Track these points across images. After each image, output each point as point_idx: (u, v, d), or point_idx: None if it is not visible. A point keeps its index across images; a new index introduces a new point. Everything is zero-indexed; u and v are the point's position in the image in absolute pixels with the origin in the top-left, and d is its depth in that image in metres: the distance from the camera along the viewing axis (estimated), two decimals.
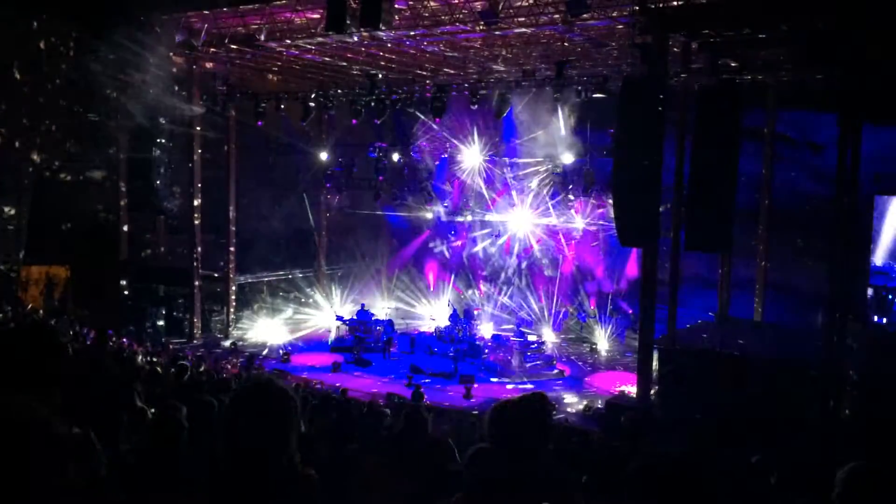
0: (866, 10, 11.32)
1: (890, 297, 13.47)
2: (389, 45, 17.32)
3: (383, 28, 14.55)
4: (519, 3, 14.59)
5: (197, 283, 20.57)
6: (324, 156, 23.36)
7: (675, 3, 13.38)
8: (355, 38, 16.12)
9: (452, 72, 19.74)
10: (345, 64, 19.50)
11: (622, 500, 2.94)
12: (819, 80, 14.34)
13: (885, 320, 13.43)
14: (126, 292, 21.45)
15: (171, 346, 17.93)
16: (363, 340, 19.26)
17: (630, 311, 20.52)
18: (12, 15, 19.46)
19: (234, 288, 21.44)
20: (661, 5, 13.36)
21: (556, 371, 17.86)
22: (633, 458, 3.11)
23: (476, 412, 13.56)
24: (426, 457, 5.13)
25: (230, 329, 20.95)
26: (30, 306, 18.93)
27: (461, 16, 14.99)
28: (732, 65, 15.35)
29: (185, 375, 9.61)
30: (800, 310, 17.03)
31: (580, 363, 19.02)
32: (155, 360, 14.20)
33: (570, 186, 20.70)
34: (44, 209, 20.83)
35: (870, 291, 13.90)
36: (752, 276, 17.77)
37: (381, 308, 21.98)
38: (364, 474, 4.69)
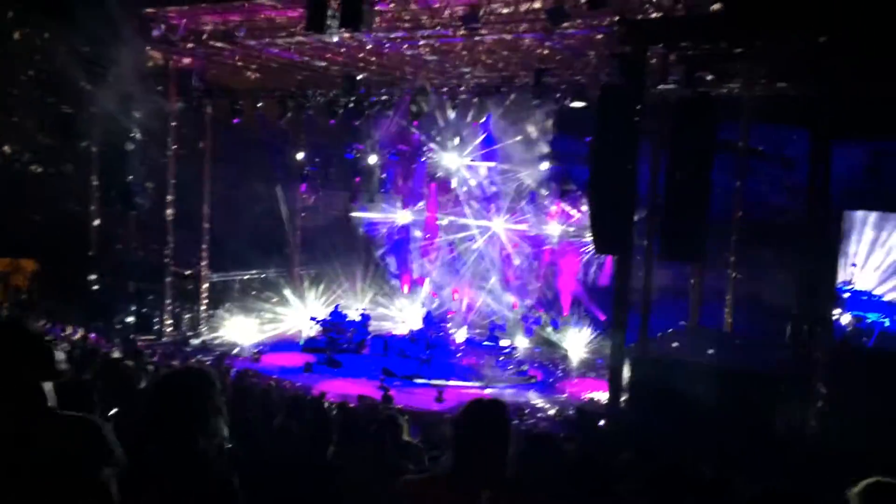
0: (841, 29, 11.52)
1: (868, 321, 13.69)
2: (369, 46, 17.30)
3: (364, 29, 14.53)
4: (500, 10, 14.65)
5: (168, 279, 20.37)
6: (300, 156, 23.26)
7: (654, 15, 13.52)
8: (335, 39, 16.07)
9: (432, 75, 19.76)
10: (324, 64, 19.43)
11: None
12: (792, 95, 14.59)
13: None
14: (95, 287, 21.16)
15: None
16: (336, 341, 19.20)
17: (602, 318, 20.66)
18: None
19: (206, 286, 21.26)
20: (639, 17, 13.50)
21: (527, 376, 17.93)
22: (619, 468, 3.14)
23: (447, 416, 13.58)
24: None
25: (201, 327, 20.76)
26: None
27: (442, 20, 15.01)
28: (708, 77, 15.55)
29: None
30: (769, 321, 17.26)
31: (552, 369, 19.11)
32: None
33: (547, 193, 20.84)
34: (13, 201, 20.48)
35: (846, 317, 14.16)
36: (723, 287, 17.99)
37: (358, 310, 21.87)
38: None
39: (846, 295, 16.52)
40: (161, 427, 2.79)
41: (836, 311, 15.21)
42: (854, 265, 17.12)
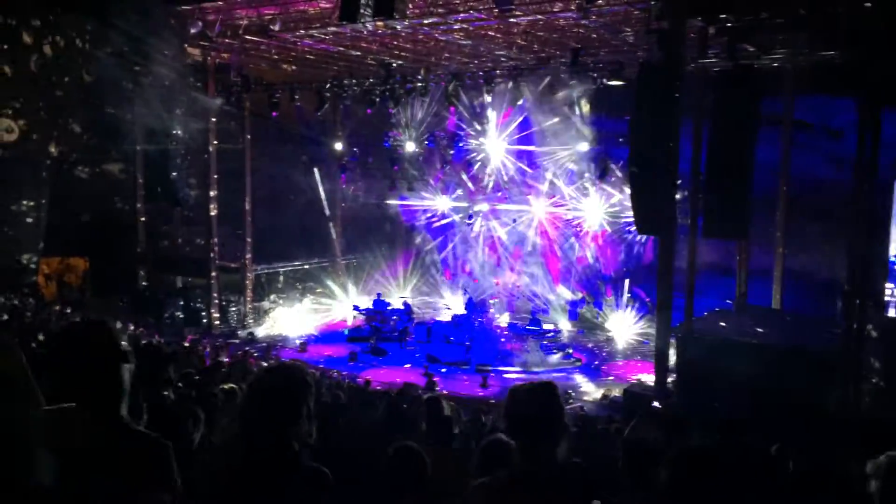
0: None
1: None
2: (403, 34, 17.26)
3: (397, 17, 14.50)
4: None
5: (214, 273, 20.71)
6: (339, 146, 23.39)
7: None
8: (369, 28, 16.07)
9: (467, 60, 19.66)
10: (359, 53, 19.47)
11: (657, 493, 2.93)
12: (838, 63, 14.13)
13: None
14: (144, 283, 21.63)
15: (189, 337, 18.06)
16: (380, 330, 19.32)
17: (647, 299, 20.43)
18: (29, 9, 19.57)
19: (250, 278, 21.55)
20: None
21: (572, 360, 17.83)
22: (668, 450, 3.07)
23: (493, 401, 13.58)
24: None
25: (247, 319, 21.08)
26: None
27: (475, 3, 14.90)
28: (750, 49, 15.17)
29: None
30: (818, 297, 16.87)
31: (597, 352, 18.97)
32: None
33: (586, 174, 20.63)
34: (62, 202, 20.99)
35: None
36: (770, 264, 17.61)
37: (401, 298, 21.94)
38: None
39: None
40: (257, 423, 2.83)
41: (889, 286, 14.75)
42: None
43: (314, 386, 2.95)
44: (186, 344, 16.01)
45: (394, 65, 19.22)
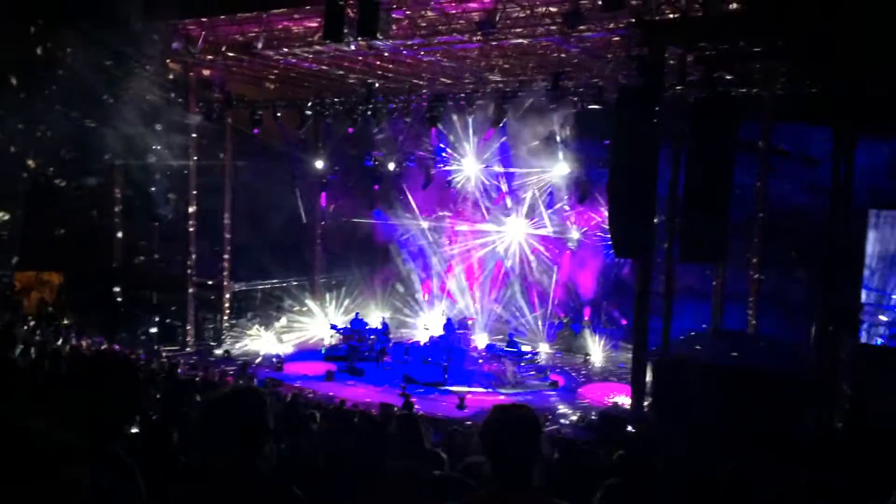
0: (861, 23, 11.38)
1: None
2: (386, 54, 17.36)
3: (380, 37, 14.58)
4: (516, 14, 14.64)
5: (191, 290, 20.52)
6: (320, 164, 23.37)
7: (670, 15, 13.43)
8: (353, 47, 16.14)
9: (449, 81, 19.79)
10: (342, 73, 19.53)
11: None
12: (814, 93, 14.41)
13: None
14: (119, 299, 21.38)
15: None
16: (357, 349, 19.21)
17: (624, 322, 20.52)
18: (9, 20, 19.43)
19: (228, 296, 21.38)
20: (657, 18, 13.41)
21: (549, 382, 17.84)
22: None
23: (469, 423, 13.52)
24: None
25: (223, 337, 20.87)
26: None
27: (458, 26, 15.03)
28: (728, 77, 15.42)
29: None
30: (793, 322, 17.05)
31: (574, 374, 19.00)
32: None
33: (566, 197, 20.77)
34: (38, 215, 20.76)
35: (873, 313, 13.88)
36: (746, 289, 17.80)
37: (379, 318, 21.86)
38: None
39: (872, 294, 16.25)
40: (217, 449, 2.80)
41: (862, 312, 14.96)
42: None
43: (269, 405, 2.91)
44: (162, 360, 15.82)
45: (376, 84, 19.30)
